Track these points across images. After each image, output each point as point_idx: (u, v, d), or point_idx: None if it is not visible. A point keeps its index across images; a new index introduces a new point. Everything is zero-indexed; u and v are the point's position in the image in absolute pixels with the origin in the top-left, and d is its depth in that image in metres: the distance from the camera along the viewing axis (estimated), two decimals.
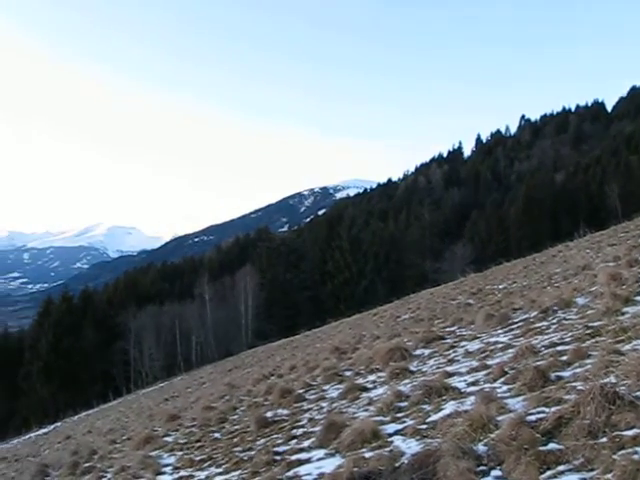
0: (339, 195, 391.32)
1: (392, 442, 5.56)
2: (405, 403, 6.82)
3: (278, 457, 6.52)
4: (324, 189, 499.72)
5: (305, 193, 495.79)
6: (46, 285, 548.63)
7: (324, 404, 8.77)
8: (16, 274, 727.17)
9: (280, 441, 7.35)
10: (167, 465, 8.47)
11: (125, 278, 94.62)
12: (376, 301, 45.89)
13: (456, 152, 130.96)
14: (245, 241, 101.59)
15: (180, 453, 9.04)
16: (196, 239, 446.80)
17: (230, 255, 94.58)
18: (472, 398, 5.94)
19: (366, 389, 8.66)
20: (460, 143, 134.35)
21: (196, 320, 66.64)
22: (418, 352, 10.28)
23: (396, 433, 5.84)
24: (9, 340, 76.43)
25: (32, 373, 64.86)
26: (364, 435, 5.82)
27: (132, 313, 65.65)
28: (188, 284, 75.41)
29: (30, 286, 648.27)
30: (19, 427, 53.18)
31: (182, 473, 7.69)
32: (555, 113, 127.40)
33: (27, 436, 44.18)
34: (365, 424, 6.04)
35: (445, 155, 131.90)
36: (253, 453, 7.24)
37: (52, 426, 44.93)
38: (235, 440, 8.49)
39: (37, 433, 43.37)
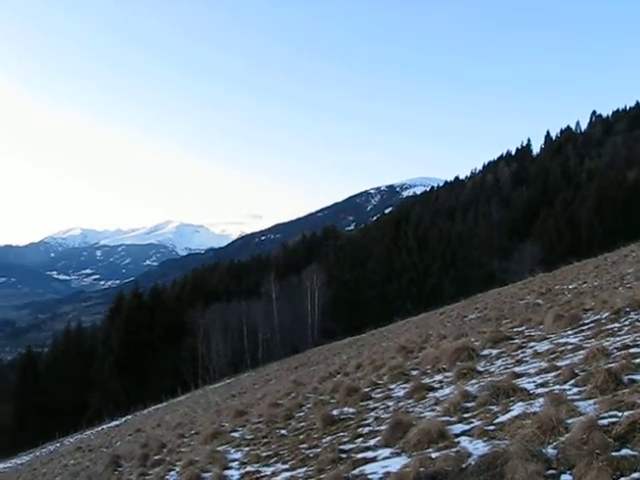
0: (406, 193, 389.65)
1: (459, 443, 5.49)
2: (472, 403, 6.73)
3: (344, 455, 6.51)
4: (391, 187, 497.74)
5: (372, 191, 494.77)
6: (117, 282, 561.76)
7: (390, 403, 8.72)
8: (89, 271, 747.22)
9: (346, 439, 7.34)
10: (234, 460, 8.55)
11: (193, 275, 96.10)
12: (443, 300, 45.51)
13: (525, 149, 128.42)
14: (312, 239, 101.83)
15: (247, 449, 9.12)
16: (263, 237, 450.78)
17: (297, 253, 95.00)
18: (541, 400, 5.82)
19: (433, 389, 8.59)
20: (529, 140, 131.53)
21: (263, 318, 67.13)
22: (485, 352, 10.13)
23: (463, 434, 5.78)
24: (83, 334, 78.64)
25: (104, 367, 66.49)
26: (430, 435, 5.77)
27: (200, 310, 66.55)
28: (255, 282, 76.02)
29: (102, 282, 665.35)
30: (92, 419, 54.66)
31: (249, 468, 7.75)
32: (628, 108, 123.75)
33: (100, 428, 45.32)
34: (432, 424, 5.98)
35: (513, 153, 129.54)
36: (319, 450, 7.25)
37: (123, 419, 45.97)
38: (301, 437, 8.53)
39: (109, 425, 44.44)
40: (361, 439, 7.10)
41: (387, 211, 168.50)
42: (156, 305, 73.05)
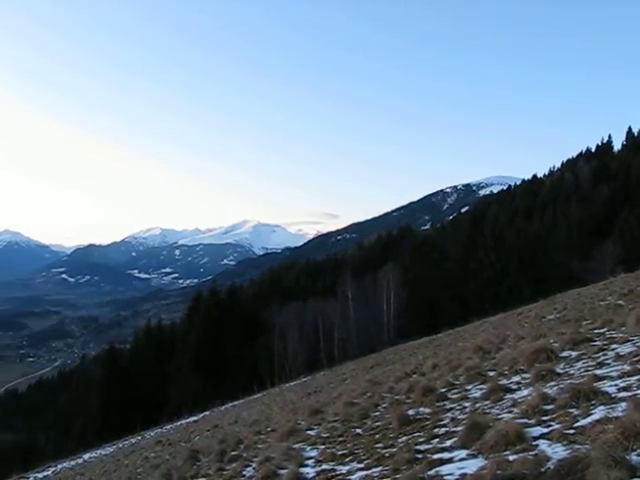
0: (482, 192, 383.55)
1: (537, 446, 5.39)
2: (551, 406, 6.60)
3: (419, 455, 6.48)
4: (467, 186, 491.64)
5: (448, 191, 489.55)
6: (195, 280, 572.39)
7: (467, 404, 8.63)
8: (168, 270, 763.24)
9: (422, 439, 7.30)
10: (310, 458, 8.61)
11: (270, 274, 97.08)
12: (520, 300, 44.62)
13: (605, 146, 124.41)
14: (387, 239, 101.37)
15: (322, 447, 9.16)
16: (339, 237, 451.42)
17: (372, 253, 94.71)
18: (624, 404, 5.65)
19: (510, 390, 8.45)
20: (610, 137, 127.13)
21: (338, 317, 67.21)
22: (565, 354, 9.90)
23: (541, 437, 5.67)
24: (162, 332, 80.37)
25: (183, 364, 67.80)
26: (508, 437, 5.68)
27: (277, 309, 67.11)
28: (331, 281, 76.23)
29: (181, 281, 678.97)
30: (172, 414, 55.78)
31: (324, 466, 7.78)
32: None
33: (179, 423, 46.19)
34: (509, 426, 5.89)
35: (593, 149, 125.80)
36: (394, 450, 7.22)
37: (201, 415, 46.72)
38: (377, 436, 8.51)
39: (188, 420, 45.25)
40: (437, 440, 7.05)
41: (463, 210, 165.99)
42: (233, 304, 74.02)
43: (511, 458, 5.18)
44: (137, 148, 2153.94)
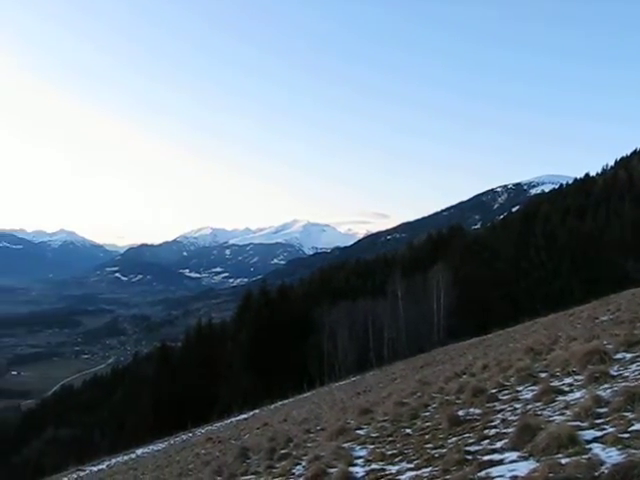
0: (533, 191, 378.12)
1: (590, 449, 5.32)
2: (605, 409, 6.49)
3: (469, 457, 6.44)
4: (517, 185, 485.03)
5: (498, 190, 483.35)
6: (246, 280, 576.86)
7: (517, 405, 8.54)
8: (219, 269, 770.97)
9: (472, 440, 7.25)
10: (359, 457, 8.61)
11: (320, 274, 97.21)
12: (572, 301, 43.90)
13: None
14: (438, 238, 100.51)
15: (372, 446, 9.15)
16: (388, 237, 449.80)
17: (422, 252, 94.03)
18: None
19: (562, 392, 8.34)
20: None
21: (388, 316, 66.97)
22: (619, 356, 9.73)
23: (595, 440, 5.58)
24: (213, 331, 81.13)
25: (233, 362, 68.34)
26: (560, 440, 5.61)
27: (326, 308, 67.17)
28: (381, 281, 75.95)
29: (231, 280, 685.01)
30: (222, 412, 56.27)
31: (373, 466, 7.78)
32: None
33: (229, 420, 46.57)
34: (561, 428, 5.81)
35: None
36: (444, 451, 7.19)
37: (251, 412, 47.01)
38: (426, 437, 8.48)
39: (237, 418, 45.57)
40: (487, 441, 7.00)
41: (514, 210, 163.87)
42: (283, 303, 74.33)
43: (563, 461, 5.11)
44: (188, 149, 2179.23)
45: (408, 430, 9.57)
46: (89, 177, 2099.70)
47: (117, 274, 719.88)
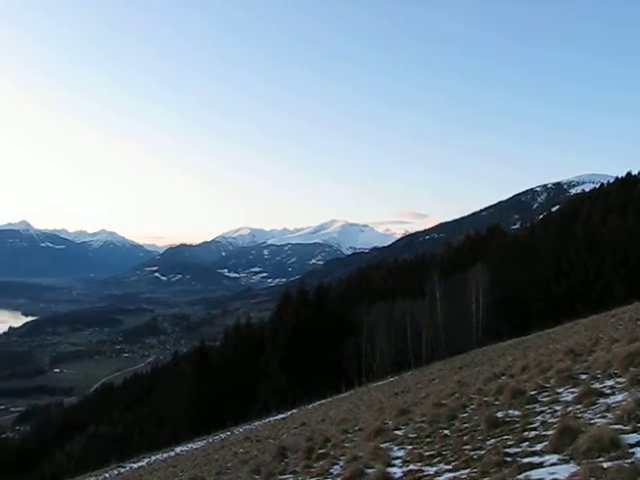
0: (573, 191, 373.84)
1: (634, 454, 5.23)
2: None
3: (509, 459, 6.37)
4: (557, 185, 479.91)
5: (538, 189, 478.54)
6: (284, 280, 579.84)
7: (558, 407, 8.43)
8: (257, 269, 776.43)
9: (511, 442, 7.18)
10: (397, 458, 8.58)
11: (358, 274, 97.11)
12: (613, 302, 43.26)
13: None
14: (476, 239, 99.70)
15: (409, 447, 9.12)
16: (427, 237, 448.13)
17: (461, 252, 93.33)
18: None
19: (603, 394, 8.21)
20: None
21: (426, 317, 66.62)
22: None
23: (638, 444, 5.49)
24: (252, 330, 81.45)
25: (271, 362, 68.55)
26: (602, 443, 5.52)
27: (364, 308, 67.07)
28: (419, 281, 75.55)
29: (269, 280, 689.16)
30: (260, 411, 56.52)
31: (411, 467, 7.75)
32: None
33: (267, 420, 46.72)
34: (603, 431, 5.72)
35: None
36: (483, 452, 7.13)
37: (289, 412, 47.13)
38: (464, 438, 8.42)
39: (275, 418, 45.70)
40: (527, 443, 6.92)
41: (554, 209, 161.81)
42: (321, 303, 74.35)
43: (605, 465, 5.03)
44: (227, 151, 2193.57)
45: (446, 431, 9.51)
46: (130, 179, 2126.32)
47: (157, 274, 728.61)
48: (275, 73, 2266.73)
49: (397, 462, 8.29)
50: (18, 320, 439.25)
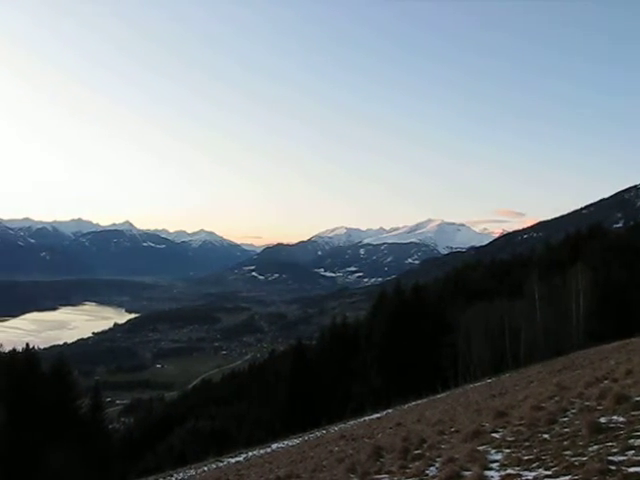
0: None
1: None
2: None
3: (613, 467, 6.16)
4: None
5: None
6: (380, 279, 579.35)
7: None
8: (353, 268, 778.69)
9: (615, 450, 6.94)
10: (494, 461, 8.44)
11: (454, 274, 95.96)
12: None
13: None
14: (576, 238, 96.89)
15: (507, 450, 8.95)
16: (525, 236, 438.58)
17: (561, 252, 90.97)
18: None
19: None
20: None
21: (525, 318, 65.26)
22: None
23: None
24: (347, 329, 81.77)
25: (366, 361, 68.64)
26: None
27: (461, 308, 66.31)
28: (517, 281, 74.04)
29: (365, 280, 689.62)
30: (355, 410, 56.62)
31: (509, 471, 7.60)
32: None
33: (362, 419, 46.70)
34: None
35: None
36: (585, 459, 6.92)
37: (384, 412, 46.95)
38: (565, 443, 8.20)
39: (371, 417, 45.62)
40: (633, 452, 6.68)
41: None
42: (417, 303, 73.93)
43: None
44: (323, 152, 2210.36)
45: (545, 435, 9.29)
46: (227, 180, 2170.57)
47: (254, 273, 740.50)
48: (377, 73, 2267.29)
49: (494, 465, 8.16)
50: (122, 317, 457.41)
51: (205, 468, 38.80)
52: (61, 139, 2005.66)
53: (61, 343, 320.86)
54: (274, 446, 42.70)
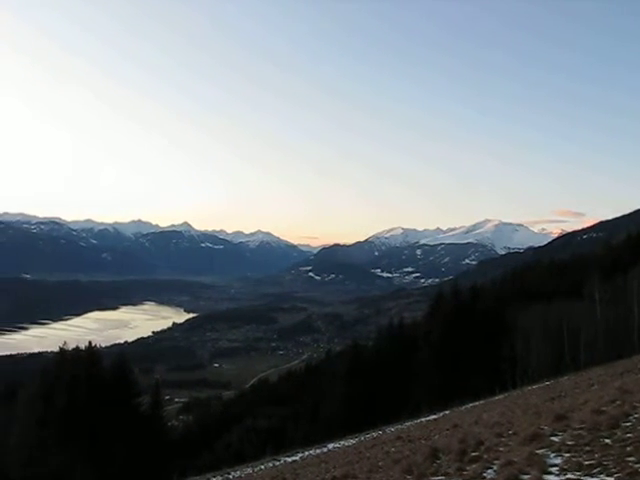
0: None
1: None
2: None
3: None
4: None
5: None
6: (437, 280, 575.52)
7: None
8: (410, 269, 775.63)
9: None
10: (553, 465, 8.31)
11: (512, 275, 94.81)
12: None
13: None
14: (638, 238, 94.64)
15: (567, 455, 8.80)
16: (584, 236, 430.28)
17: (622, 253, 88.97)
18: None
19: None
20: None
21: (584, 319, 64.06)
22: None
23: None
24: (404, 330, 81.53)
25: (424, 362, 68.27)
26: None
27: (519, 309, 65.49)
28: (576, 282, 72.71)
29: (422, 280, 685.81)
30: (412, 411, 56.33)
31: (569, 476, 7.47)
32: None
33: (419, 420, 46.46)
34: None
35: None
36: None
37: (441, 413, 46.64)
38: (628, 449, 8.01)
39: (427, 418, 45.36)
40: None
41: None
42: (475, 303, 73.30)
43: None
44: (380, 152, 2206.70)
45: (607, 440, 9.09)
46: (286, 181, 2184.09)
47: (310, 273, 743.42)
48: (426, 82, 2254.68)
49: (554, 470, 8.02)
50: (181, 316, 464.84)
51: (262, 466, 39.10)
52: (118, 145, 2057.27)
53: (122, 342, 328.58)
54: (330, 446, 42.76)
